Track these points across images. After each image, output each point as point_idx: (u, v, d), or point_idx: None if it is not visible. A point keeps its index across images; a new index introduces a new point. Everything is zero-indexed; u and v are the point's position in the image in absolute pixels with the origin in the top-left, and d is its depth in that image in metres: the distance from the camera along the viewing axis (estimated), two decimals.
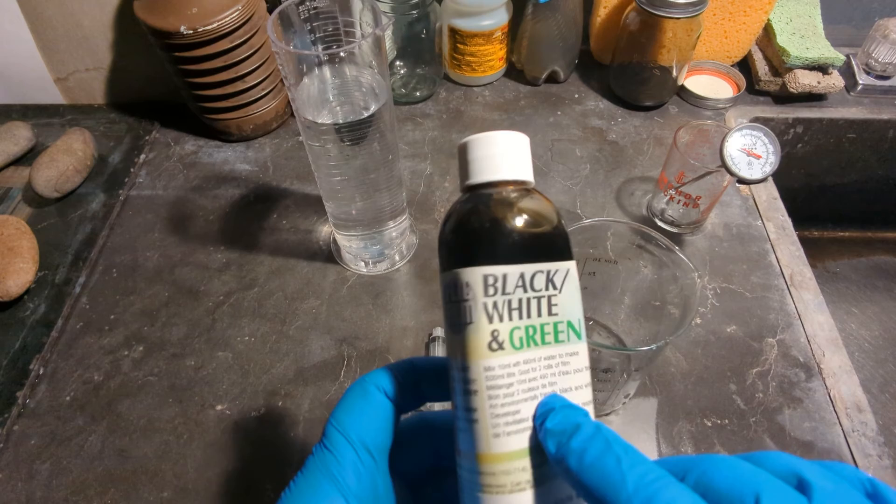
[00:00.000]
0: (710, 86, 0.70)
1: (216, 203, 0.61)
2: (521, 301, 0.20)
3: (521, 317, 0.20)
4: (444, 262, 0.21)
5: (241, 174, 0.64)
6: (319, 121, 0.42)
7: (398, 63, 0.69)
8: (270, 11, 0.43)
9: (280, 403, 0.46)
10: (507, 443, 0.19)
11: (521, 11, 0.66)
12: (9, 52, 0.67)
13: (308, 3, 0.39)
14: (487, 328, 0.19)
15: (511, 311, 0.20)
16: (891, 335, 0.72)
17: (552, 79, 0.72)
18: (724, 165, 0.47)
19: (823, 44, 0.67)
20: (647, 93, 0.68)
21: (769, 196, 0.60)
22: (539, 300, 0.20)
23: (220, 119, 0.64)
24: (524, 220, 0.20)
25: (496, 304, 0.19)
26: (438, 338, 0.48)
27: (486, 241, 0.20)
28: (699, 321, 0.50)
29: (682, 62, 0.64)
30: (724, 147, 0.47)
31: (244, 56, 0.59)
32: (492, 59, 0.69)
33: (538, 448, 0.19)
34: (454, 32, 0.67)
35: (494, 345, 0.19)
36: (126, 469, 0.43)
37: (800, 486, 0.16)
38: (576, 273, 0.21)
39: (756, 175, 0.46)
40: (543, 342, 0.20)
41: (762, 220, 0.58)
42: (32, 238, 0.55)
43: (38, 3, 0.63)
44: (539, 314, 0.20)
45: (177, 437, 0.44)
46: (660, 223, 0.57)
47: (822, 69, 0.67)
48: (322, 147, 0.43)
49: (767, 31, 0.70)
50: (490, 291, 0.19)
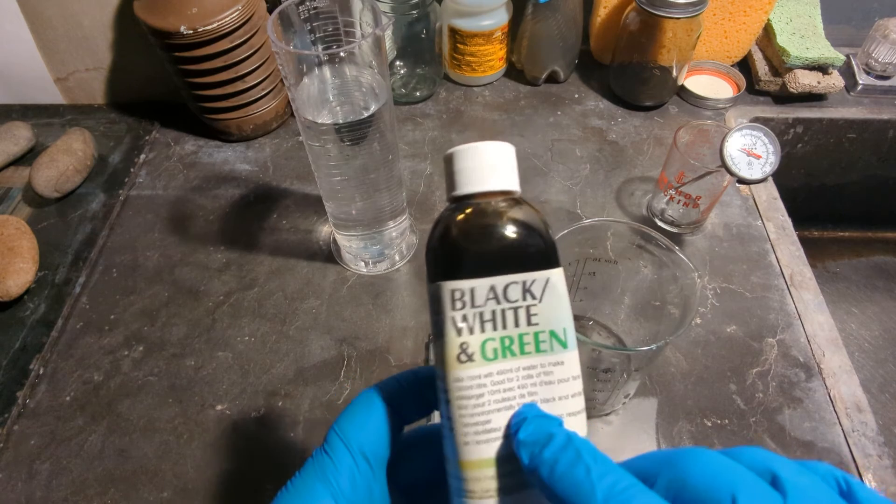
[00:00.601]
0: (710, 86, 0.70)
1: (216, 203, 0.61)
2: (495, 313, 0.20)
3: (496, 328, 0.20)
4: (427, 275, 0.21)
5: (241, 174, 0.64)
6: (319, 121, 0.42)
7: (398, 63, 0.69)
8: (270, 11, 0.43)
9: (280, 403, 0.46)
10: (477, 451, 0.19)
11: (521, 11, 0.66)
12: (9, 52, 0.67)
13: (308, 3, 0.39)
14: (456, 341, 0.20)
15: (483, 324, 0.20)
16: (891, 335, 0.72)
17: (552, 79, 0.72)
18: (724, 165, 0.47)
19: (823, 44, 0.67)
20: (647, 93, 0.68)
21: (769, 196, 0.60)
22: (516, 311, 0.20)
23: (220, 119, 0.64)
24: (495, 232, 0.20)
25: (465, 318, 0.20)
26: None
27: (452, 257, 0.20)
28: (699, 321, 0.50)
29: (682, 62, 0.64)
30: (724, 147, 0.47)
31: (244, 56, 0.59)
32: (492, 59, 0.69)
33: (508, 457, 0.19)
34: (454, 32, 0.67)
35: (463, 357, 0.20)
36: (126, 469, 0.43)
37: (774, 484, 0.16)
38: (561, 281, 0.21)
39: (756, 175, 0.46)
40: (522, 352, 0.20)
41: (762, 220, 0.58)
42: (32, 238, 0.55)
43: (38, 3, 0.63)
44: (516, 325, 0.20)
45: (177, 437, 0.44)
46: (660, 223, 0.57)
47: (822, 69, 0.67)
48: (322, 147, 0.43)
49: (767, 31, 0.70)
50: (458, 305, 0.20)
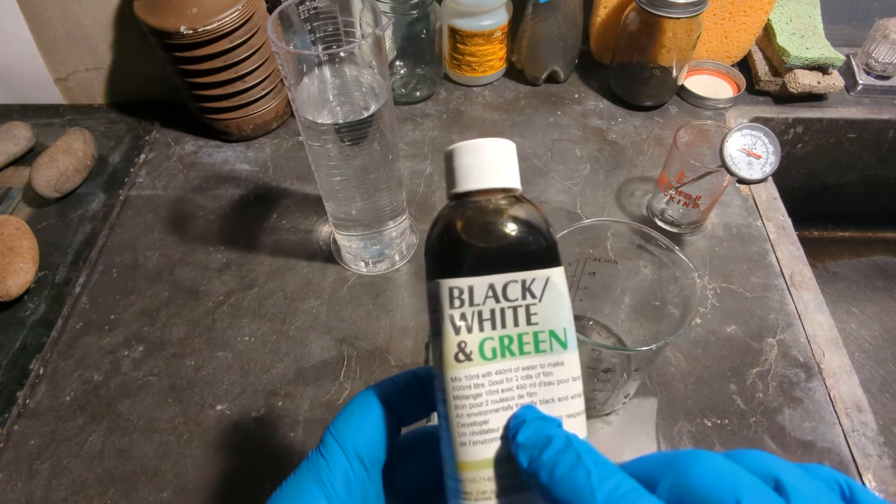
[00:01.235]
0: (710, 86, 0.70)
1: (216, 203, 0.61)
2: (494, 312, 0.20)
3: (495, 327, 0.20)
4: (426, 273, 0.21)
5: (241, 174, 0.64)
6: (319, 121, 0.42)
7: (398, 63, 0.69)
8: (270, 11, 0.43)
9: (280, 403, 0.46)
10: (473, 452, 0.19)
11: (521, 11, 0.66)
12: (9, 52, 0.67)
13: (308, 3, 0.39)
14: (454, 340, 0.19)
15: (482, 322, 0.20)
16: (891, 335, 0.72)
17: (552, 79, 0.72)
18: (724, 165, 0.47)
19: (823, 44, 0.67)
20: (647, 93, 0.68)
21: (769, 196, 0.60)
22: (515, 310, 0.20)
23: (220, 119, 0.64)
24: (494, 230, 0.20)
25: (464, 316, 0.20)
26: None
27: (451, 254, 0.20)
28: (699, 321, 0.50)
29: (682, 62, 0.64)
30: (724, 147, 0.47)
31: (244, 56, 0.59)
32: (492, 59, 0.69)
33: (506, 458, 0.19)
34: (454, 32, 0.67)
35: (461, 356, 0.19)
36: (126, 469, 0.43)
37: (777, 489, 0.16)
38: (562, 280, 0.20)
39: (756, 175, 0.46)
40: (522, 352, 0.20)
41: (762, 220, 0.58)
42: (32, 238, 0.55)
43: (38, 3, 0.63)
44: (516, 324, 0.20)
45: (177, 437, 0.44)
46: (660, 223, 0.57)
47: (822, 69, 0.67)
48: (322, 147, 0.43)
49: (767, 31, 0.70)
50: (456, 304, 0.20)
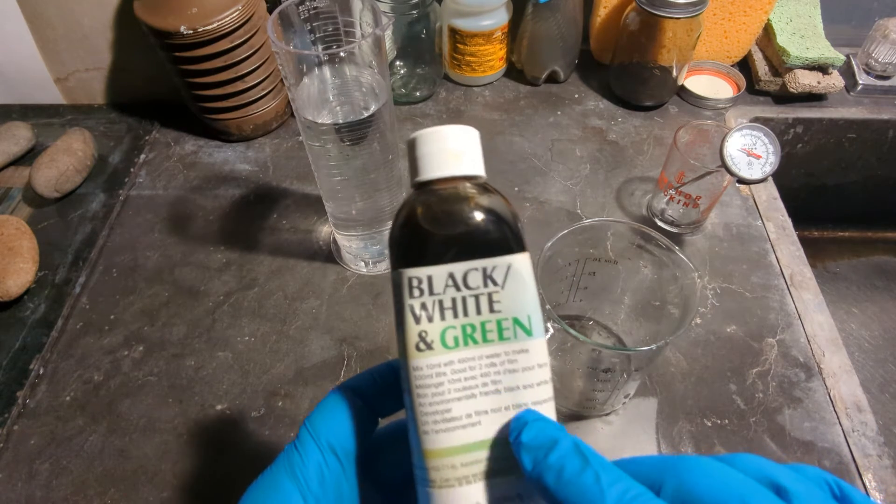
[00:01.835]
0: (710, 86, 0.70)
1: (216, 203, 0.61)
2: (455, 300, 0.20)
3: (456, 316, 0.20)
4: (389, 263, 0.21)
5: (241, 174, 0.64)
6: (319, 121, 0.42)
7: (398, 63, 0.69)
8: (270, 11, 0.43)
9: (280, 403, 0.46)
10: (437, 440, 0.19)
11: (521, 11, 0.66)
12: (9, 52, 0.67)
13: (308, 3, 0.39)
14: (415, 329, 0.20)
15: (444, 311, 0.20)
16: (891, 335, 0.72)
17: (552, 79, 0.72)
18: (724, 165, 0.47)
19: (823, 44, 0.67)
20: (647, 93, 0.68)
21: (769, 196, 0.60)
22: (477, 298, 0.20)
23: (220, 119, 0.64)
24: (453, 218, 0.20)
25: (424, 305, 0.20)
26: None
27: (409, 244, 0.20)
28: (699, 321, 0.50)
29: (682, 62, 0.64)
30: (724, 147, 0.47)
31: (244, 56, 0.59)
32: (492, 59, 0.69)
33: (471, 447, 0.19)
34: (454, 32, 0.67)
35: (422, 345, 0.19)
36: (126, 469, 0.43)
37: (777, 492, 0.16)
38: (526, 267, 0.20)
39: (756, 175, 0.46)
40: (485, 340, 0.20)
41: (762, 220, 0.58)
42: (32, 238, 0.55)
43: (38, 3, 0.63)
44: (478, 312, 0.20)
45: (177, 437, 0.44)
46: (660, 223, 0.57)
47: (822, 69, 0.67)
48: (322, 147, 0.43)
49: (767, 31, 0.70)
50: (415, 293, 0.20)
